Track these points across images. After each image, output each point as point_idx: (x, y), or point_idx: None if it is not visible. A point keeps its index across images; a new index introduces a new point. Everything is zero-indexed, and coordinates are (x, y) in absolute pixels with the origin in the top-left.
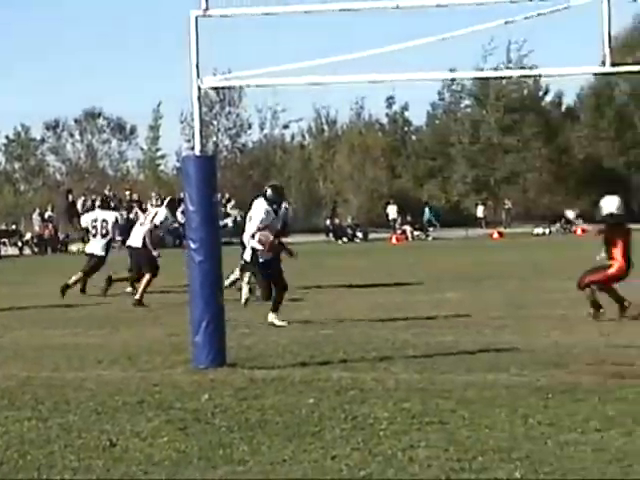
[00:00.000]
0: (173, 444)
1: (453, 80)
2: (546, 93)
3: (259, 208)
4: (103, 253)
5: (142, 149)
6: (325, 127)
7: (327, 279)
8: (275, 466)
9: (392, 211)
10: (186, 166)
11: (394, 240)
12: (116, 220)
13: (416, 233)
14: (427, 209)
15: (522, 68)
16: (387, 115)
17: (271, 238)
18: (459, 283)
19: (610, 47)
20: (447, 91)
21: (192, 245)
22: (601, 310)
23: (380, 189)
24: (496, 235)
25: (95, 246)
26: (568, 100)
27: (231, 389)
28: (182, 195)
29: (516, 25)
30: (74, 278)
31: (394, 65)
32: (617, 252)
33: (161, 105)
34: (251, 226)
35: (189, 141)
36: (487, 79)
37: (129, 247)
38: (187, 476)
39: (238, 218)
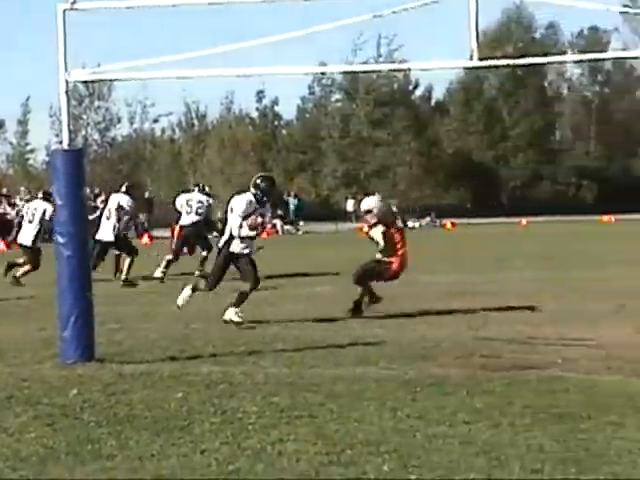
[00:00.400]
0: (41, 440)
1: (323, 74)
2: (416, 87)
3: (241, 199)
4: (30, 243)
5: (11, 143)
6: (195, 121)
7: (196, 273)
8: (144, 461)
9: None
10: (54, 160)
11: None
12: (44, 212)
13: (286, 227)
14: (295, 200)
15: (392, 62)
16: (257, 109)
17: (259, 220)
18: (329, 277)
19: (478, 41)
20: (317, 85)
21: (60, 239)
22: (374, 299)
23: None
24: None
25: (24, 235)
26: (438, 94)
27: (99, 384)
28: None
29: (387, 19)
30: (21, 271)
31: (264, 59)
32: (394, 249)
33: (30, 99)
34: (234, 218)
35: (58, 135)
36: (357, 73)
37: (99, 241)
38: (55, 472)
39: None
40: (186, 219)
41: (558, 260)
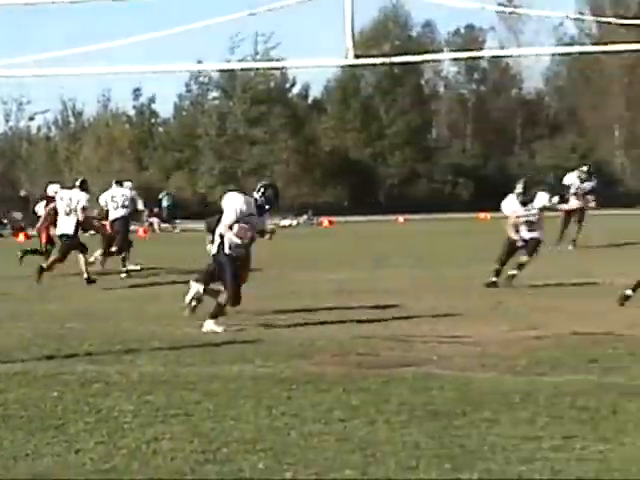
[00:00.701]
0: None
1: (200, 72)
2: (293, 85)
3: (240, 197)
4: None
5: None
6: (71, 119)
7: (74, 271)
8: (18, 460)
9: (139, 204)
10: None
11: (141, 232)
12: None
13: (163, 225)
14: (166, 196)
15: (269, 60)
16: (134, 107)
17: (249, 234)
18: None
19: (354, 39)
20: (194, 83)
21: None
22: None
23: None
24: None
25: None
26: (315, 92)
27: None
28: None
29: (264, 17)
30: None
31: (141, 56)
32: None
33: None
34: (227, 217)
35: None
36: (234, 71)
37: (62, 235)
38: None
39: None
40: (114, 214)
41: (435, 258)
